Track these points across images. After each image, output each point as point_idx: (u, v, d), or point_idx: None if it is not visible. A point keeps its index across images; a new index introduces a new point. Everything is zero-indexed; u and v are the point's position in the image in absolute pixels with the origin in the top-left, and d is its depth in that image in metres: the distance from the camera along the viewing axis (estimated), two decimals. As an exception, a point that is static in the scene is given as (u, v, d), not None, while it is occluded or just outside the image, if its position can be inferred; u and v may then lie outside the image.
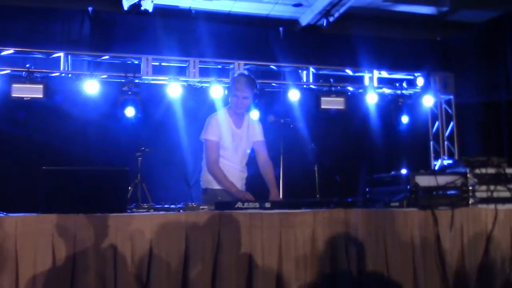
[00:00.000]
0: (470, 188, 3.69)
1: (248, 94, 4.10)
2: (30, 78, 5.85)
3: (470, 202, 3.67)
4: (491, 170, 3.75)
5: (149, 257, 2.83)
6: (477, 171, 3.73)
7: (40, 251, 2.67)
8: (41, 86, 5.83)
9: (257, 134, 4.30)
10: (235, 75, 4.42)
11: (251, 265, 3.00)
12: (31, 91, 5.81)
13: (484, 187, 3.71)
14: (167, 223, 2.92)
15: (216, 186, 4.09)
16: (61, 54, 6.11)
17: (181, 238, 2.90)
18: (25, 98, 5.81)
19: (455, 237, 3.43)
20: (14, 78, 5.88)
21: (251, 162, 4.34)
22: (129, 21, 6.79)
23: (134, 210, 3.23)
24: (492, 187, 3.70)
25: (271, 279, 3.01)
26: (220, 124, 4.13)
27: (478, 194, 3.70)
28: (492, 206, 3.59)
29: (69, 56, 6.17)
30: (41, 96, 5.82)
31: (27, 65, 5.89)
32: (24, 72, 5.87)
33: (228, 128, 4.16)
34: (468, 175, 3.71)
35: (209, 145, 4.09)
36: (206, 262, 2.92)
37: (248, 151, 4.28)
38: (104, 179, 2.96)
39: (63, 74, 6.15)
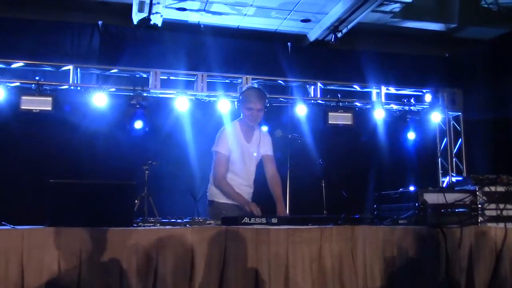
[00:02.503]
0: (479, 206, 3.65)
1: (261, 107, 4.12)
2: (39, 91, 5.88)
3: (479, 221, 3.63)
4: (500, 188, 3.72)
5: (155, 272, 2.81)
6: (487, 189, 3.69)
7: (45, 264, 2.65)
8: (50, 98, 5.85)
9: (267, 148, 4.30)
10: (246, 87, 4.42)
11: (257, 281, 2.96)
12: (40, 104, 5.83)
13: (493, 205, 3.67)
14: (173, 238, 2.90)
15: (222, 200, 4.08)
16: (70, 67, 6.14)
17: (187, 253, 2.88)
18: (34, 111, 5.83)
19: (464, 256, 3.39)
20: (23, 90, 5.91)
21: (258, 178, 4.32)
22: (138, 35, 6.85)
23: (140, 224, 3.21)
24: (501, 206, 3.66)
25: (278, 296, 2.97)
26: (230, 138, 4.13)
27: (487, 213, 3.66)
28: (501, 224, 3.54)
29: (78, 69, 6.20)
30: (50, 108, 5.83)
31: (37, 78, 5.92)
32: (33, 85, 5.90)
33: (238, 141, 4.16)
34: (477, 193, 3.67)
35: (218, 158, 4.10)
36: (212, 278, 2.89)
37: (255, 167, 4.26)
38: (111, 192, 2.96)
39: (72, 87, 6.17)
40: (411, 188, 3.86)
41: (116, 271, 2.73)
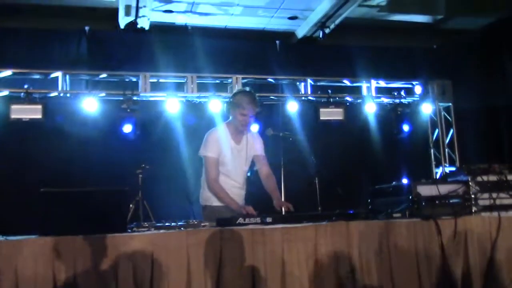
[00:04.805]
0: (473, 196, 3.67)
1: (255, 113, 4.09)
2: (28, 99, 5.84)
3: (473, 211, 3.65)
4: (493, 178, 3.73)
5: (151, 276, 2.80)
6: (479, 178, 3.71)
7: (40, 274, 2.64)
8: (40, 106, 5.82)
9: (257, 149, 4.28)
10: (237, 91, 4.38)
11: (254, 281, 2.96)
12: (30, 112, 5.80)
13: (486, 195, 3.69)
14: (169, 242, 2.90)
15: (215, 203, 4.05)
16: (59, 74, 6.11)
17: (183, 256, 2.88)
18: (24, 119, 5.79)
19: (459, 246, 3.40)
20: (12, 99, 5.88)
21: (252, 179, 4.31)
22: (126, 39, 6.82)
23: (134, 229, 3.20)
24: (494, 195, 3.68)
25: (275, 295, 2.98)
26: (220, 140, 4.10)
27: (480, 202, 3.67)
28: (495, 213, 3.56)
29: (67, 76, 6.18)
30: (40, 117, 5.80)
31: (25, 86, 5.89)
32: (22, 93, 5.86)
33: (228, 144, 4.13)
34: (470, 183, 3.68)
35: (208, 162, 4.06)
36: (208, 279, 2.89)
37: (247, 168, 4.24)
38: (103, 199, 2.94)
39: (61, 94, 6.15)
40: (405, 181, 3.87)
41: (112, 278, 2.73)
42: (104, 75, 6.37)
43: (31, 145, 6.03)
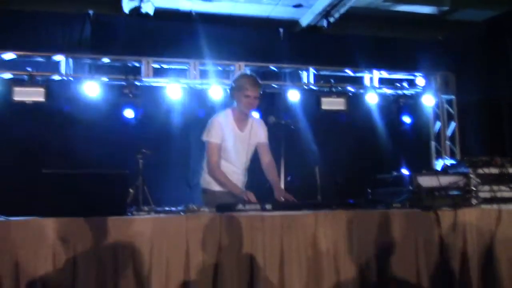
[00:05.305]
0: (473, 188, 3.67)
1: (258, 94, 4.09)
2: (31, 82, 5.84)
3: (473, 203, 3.65)
4: (494, 170, 3.74)
5: (150, 259, 2.82)
6: (480, 171, 3.71)
7: (40, 255, 2.66)
8: (42, 89, 5.82)
9: (261, 136, 4.28)
10: (238, 74, 4.38)
11: (252, 267, 2.98)
12: (33, 95, 5.80)
13: (487, 188, 3.69)
14: (168, 226, 2.91)
15: (216, 188, 4.07)
16: (62, 58, 6.11)
17: (182, 241, 2.89)
18: (27, 102, 5.80)
19: (458, 238, 3.41)
20: (15, 82, 5.87)
21: (252, 167, 4.31)
22: (129, 23, 6.79)
23: (134, 213, 3.21)
24: (495, 187, 3.68)
25: (273, 281, 2.99)
26: (223, 126, 4.10)
27: (481, 195, 3.68)
28: (495, 206, 3.57)
29: (70, 59, 6.17)
30: (43, 99, 5.81)
31: (28, 69, 5.88)
32: (25, 76, 5.86)
33: (231, 130, 4.13)
34: (471, 176, 3.69)
35: (210, 147, 4.07)
36: (207, 265, 2.90)
37: (250, 155, 4.24)
38: (104, 182, 2.95)
39: (64, 77, 6.14)
40: (405, 172, 3.87)
41: (112, 260, 2.74)
42: (107, 60, 6.35)
43: (33, 127, 6.03)
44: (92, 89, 6.04)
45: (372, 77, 7.07)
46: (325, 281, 3.08)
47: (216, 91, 6.29)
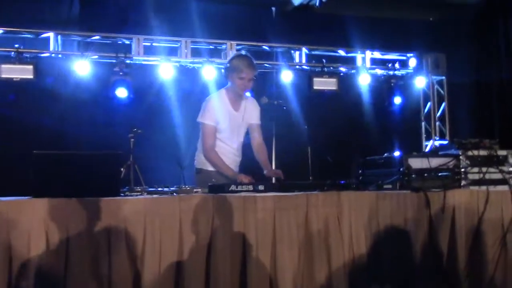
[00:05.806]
0: (462, 170, 3.71)
1: (252, 76, 4.09)
2: (19, 59, 5.75)
3: (462, 184, 3.70)
4: (483, 152, 3.78)
5: (143, 240, 2.83)
6: (470, 153, 3.75)
7: (33, 235, 2.65)
8: (31, 66, 5.72)
9: (254, 116, 4.29)
10: (234, 55, 4.36)
11: (245, 248, 3.01)
12: (21, 72, 5.71)
13: (476, 169, 3.74)
14: (161, 207, 2.92)
15: (211, 168, 4.09)
16: (50, 34, 6.01)
17: (175, 222, 2.91)
18: (14, 79, 5.72)
19: (447, 219, 3.46)
20: (3, 58, 5.77)
21: (245, 148, 4.33)
22: (119, 0, 6.68)
23: (127, 193, 3.22)
24: (484, 169, 3.73)
25: (265, 262, 3.03)
26: (218, 107, 4.10)
27: (470, 176, 3.74)
28: (484, 188, 3.62)
29: (58, 36, 6.07)
30: (31, 77, 5.72)
31: (16, 46, 5.79)
32: (13, 53, 5.77)
33: (226, 110, 4.14)
34: (461, 157, 3.73)
35: (205, 129, 4.08)
36: (200, 246, 2.92)
37: (243, 134, 4.26)
38: (96, 163, 2.94)
39: (53, 55, 6.05)
40: (396, 153, 3.91)
41: (105, 241, 2.75)
42: (96, 37, 6.26)
43: (21, 105, 5.96)
44: (81, 67, 5.96)
45: (364, 57, 7.06)
46: (317, 261, 3.13)
47: (209, 70, 6.25)
